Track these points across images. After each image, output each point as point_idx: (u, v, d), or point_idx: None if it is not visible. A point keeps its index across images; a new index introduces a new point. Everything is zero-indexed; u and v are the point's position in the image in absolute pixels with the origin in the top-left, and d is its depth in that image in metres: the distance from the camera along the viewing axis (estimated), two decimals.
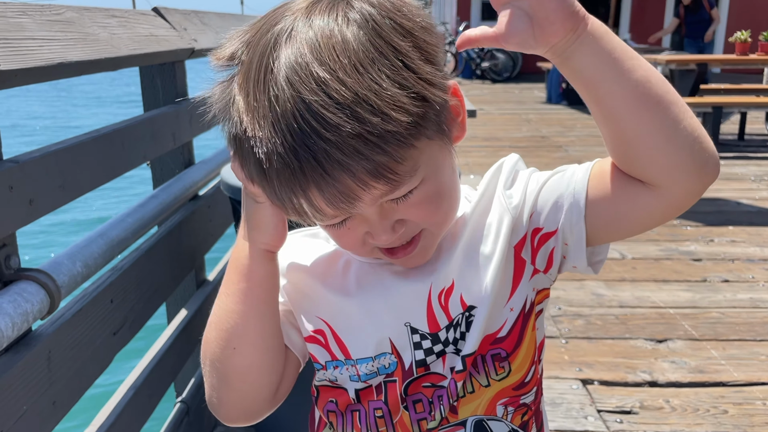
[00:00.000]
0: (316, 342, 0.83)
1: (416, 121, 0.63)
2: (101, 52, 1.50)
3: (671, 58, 6.88)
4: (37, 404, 1.18)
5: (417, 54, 0.65)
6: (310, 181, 0.63)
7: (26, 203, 1.18)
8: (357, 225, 0.71)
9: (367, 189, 0.64)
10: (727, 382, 2.31)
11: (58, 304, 1.23)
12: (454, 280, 0.79)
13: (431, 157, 0.68)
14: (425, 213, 0.70)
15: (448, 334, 0.79)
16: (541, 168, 0.84)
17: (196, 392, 2.05)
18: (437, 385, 0.80)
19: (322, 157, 0.61)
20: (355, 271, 0.82)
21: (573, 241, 0.77)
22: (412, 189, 0.68)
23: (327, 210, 0.66)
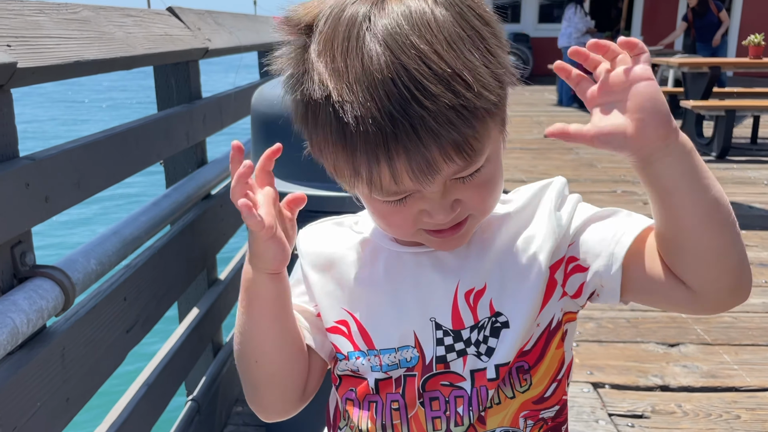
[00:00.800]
0: (339, 333, 0.83)
1: (497, 103, 0.66)
2: (117, 51, 1.51)
3: (684, 61, 6.85)
4: (51, 401, 1.18)
5: (495, 42, 0.68)
6: (400, 146, 0.63)
7: (42, 200, 1.19)
8: (415, 202, 0.70)
9: (449, 162, 0.65)
10: (739, 387, 2.29)
11: (72, 301, 1.24)
12: (486, 284, 0.79)
13: (495, 141, 0.70)
14: (481, 196, 0.72)
15: (471, 334, 0.79)
16: (552, 172, 0.85)
17: (207, 390, 2.06)
18: (455, 386, 0.80)
19: (418, 124, 0.62)
20: (383, 261, 0.82)
21: (606, 289, 0.79)
22: (479, 169, 0.69)
23: (406, 180, 0.66)
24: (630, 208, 3.17)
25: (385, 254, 0.83)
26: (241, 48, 2.57)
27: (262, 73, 3.40)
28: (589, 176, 5.45)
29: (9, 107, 1.14)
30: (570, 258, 0.80)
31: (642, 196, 4.76)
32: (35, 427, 1.13)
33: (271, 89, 1.80)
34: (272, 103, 1.74)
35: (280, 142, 1.84)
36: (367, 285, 0.82)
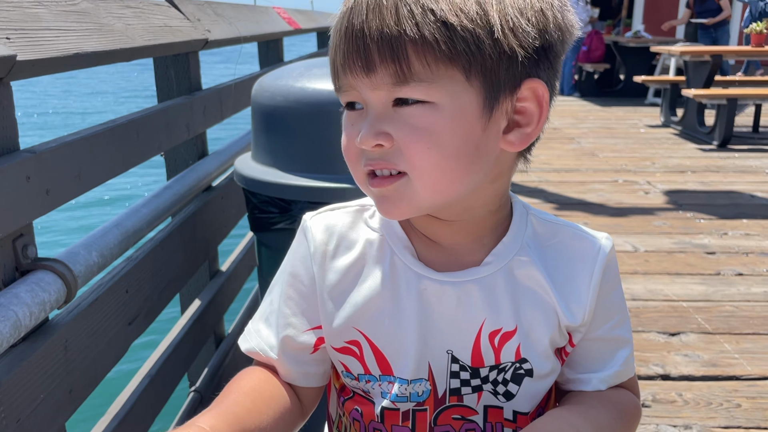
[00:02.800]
0: (350, 353, 0.79)
1: (469, 43, 0.62)
2: (116, 42, 1.50)
3: (685, 50, 6.82)
4: (54, 392, 1.19)
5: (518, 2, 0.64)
6: (354, 25, 0.64)
7: (43, 193, 1.19)
8: (358, 119, 0.68)
9: (383, 60, 0.63)
10: (740, 375, 2.29)
11: (74, 293, 1.24)
12: (517, 327, 0.75)
13: (457, 98, 0.64)
14: (412, 143, 0.65)
15: (491, 373, 0.76)
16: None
17: (210, 382, 2.07)
18: (467, 419, 0.77)
19: (377, 5, 0.62)
20: (404, 280, 0.76)
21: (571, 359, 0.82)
22: (415, 100, 0.64)
23: (347, 68, 0.66)
24: (631, 197, 3.19)
25: (406, 274, 0.76)
26: (240, 39, 2.56)
27: (263, 63, 3.39)
28: (591, 166, 5.45)
29: (9, 100, 1.14)
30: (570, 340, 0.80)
31: (643, 186, 4.76)
32: (39, 419, 1.14)
33: (271, 80, 1.79)
34: (273, 94, 1.74)
35: (281, 134, 1.85)
36: (385, 308, 0.76)
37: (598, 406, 0.77)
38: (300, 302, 0.80)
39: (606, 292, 0.78)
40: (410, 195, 0.68)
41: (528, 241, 0.77)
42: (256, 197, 1.75)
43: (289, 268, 0.82)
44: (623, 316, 0.82)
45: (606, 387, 0.80)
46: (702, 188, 4.76)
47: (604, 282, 0.77)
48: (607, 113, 8.54)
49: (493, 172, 0.71)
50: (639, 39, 9.72)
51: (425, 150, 0.65)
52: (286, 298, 0.81)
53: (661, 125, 7.52)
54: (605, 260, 0.77)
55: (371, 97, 0.66)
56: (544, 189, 4.68)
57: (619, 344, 0.81)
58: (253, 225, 1.83)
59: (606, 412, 0.77)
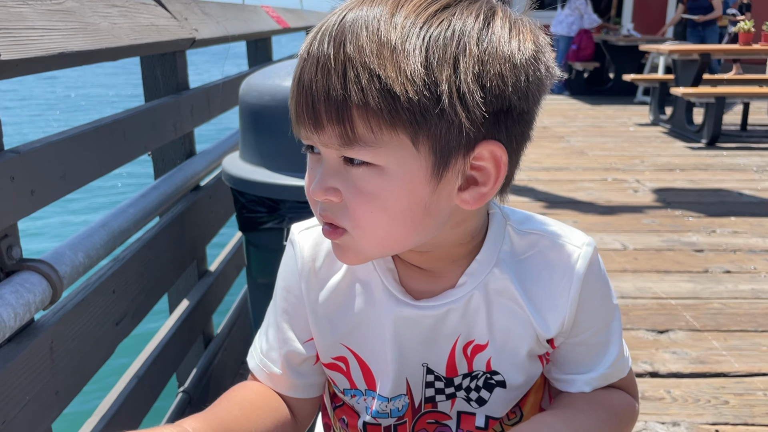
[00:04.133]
0: (336, 369, 0.81)
1: (414, 113, 0.59)
2: (102, 42, 1.49)
3: (674, 48, 6.85)
4: (40, 394, 1.18)
5: (474, 67, 0.60)
6: (306, 78, 0.62)
7: (28, 193, 1.18)
8: (317, 164, 0.67)
9: (329, 120, 0.61)
10: (728, 372, 2.31)
11: (60, 294, 1.23)
12: (489, 342, 0.76)
13: (404, 163, 0.62)
14: (357, 204, 0.64)
15: (464, 381, 0.78)
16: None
17: (198, 382, 2.06)
18: (440, 423, 0.80)
19: (330, 64, 0.60)
20: (385, 304, 0.76)
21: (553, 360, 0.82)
22: (362, 162, 0.62)
23: (296, 122, 0.65)
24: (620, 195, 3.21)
25: (386, 297, 0.76)
26: (228, 38, 2.55)
27: (251, 62, 3.38)
28: (580, 164, 5.46)
29: None
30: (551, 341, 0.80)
31: (632, 184, 4.78)
32: (24, 421, 1.13)
33: (259, 79, 1.79)
34: (261, 93, 1.73)
35: (269, 133, 1.84)
36: (370, 326, 0.77)
37: (587, 411, 0.77)
38: (295, 315, 0.81)
39: (587, 300, 0.76)
40: (356, 248, 0.68)
41: (503, 255, 0.76)
42: (245, 197, 1.75)
43: (282, 282, 0.83)
44: (609, 319, 0.79)
45: (590, 389, 0.79)
46: (690, 186, 4.79)
47: (584, 291, 0.75)
48: (597, 112, 8.57)
49: (451, 222, 0.70)
50: (628, 38, 9.76)
51: (369, 212, 0.64)
52: (282, 312, 0.82)
53: (650, 124, 7.55)
54: (584, 269, 0.75)
55: (323, 150, 0.65)
56: (534, 188, 4.69)
57: (604, 348, 0.79)
58: (242, 224, 1.83)
59: (595, 417, 0.76)
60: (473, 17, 0.61)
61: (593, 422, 0.76)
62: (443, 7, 0.61)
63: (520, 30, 0.64)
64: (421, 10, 0.60)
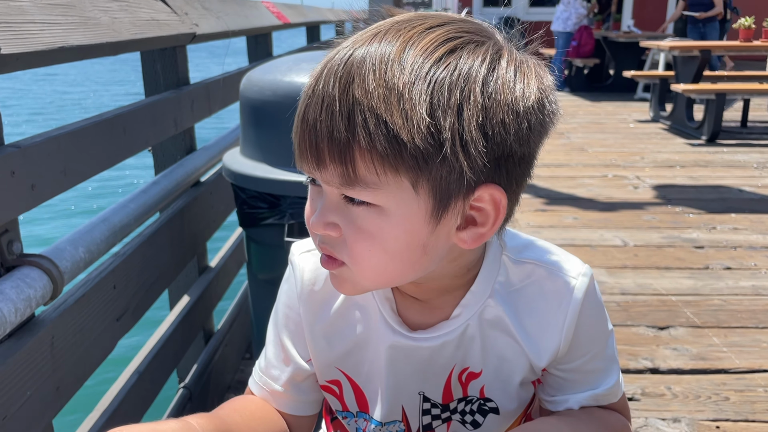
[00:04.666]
0: (330, 392, 0.83)
1: (417, 159, 0.60)
2: (102, 36, 1.49)
3: (674, 45, 6.84)
4: (41, 390, 1.18)
5: (478, 116, 0.60)
6: (310, 117, 0.62)
7: (28, 188, 1.18)
8: (317, 196, 0.68)
9: (332, 159, 0.61)
10: (728, 369, 2.31)
11: (61, 289, 1.23)
12: (483, 371, 0.78)
13: (404, 205, 0.63)
14: (356, 242, 0.65)
15: (458, 405, 0.80)
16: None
17: (199, 378, 2.06)
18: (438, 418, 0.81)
19: (336, 106, 0.60)
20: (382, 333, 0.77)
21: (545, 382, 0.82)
22: (363, 202, 0.63)
23: (299, 157, 0.65)
24: (620, 192, 3.21)
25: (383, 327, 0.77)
26: (229, 33, 2.54)
27: (251, 57, 3.37)
28: (580, 160, 5.46)
29: None
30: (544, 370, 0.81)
31: (632, 181, 4.78)
32: (25, 416, 1.12)
33: (260, 74, 1.78)
34: (261, 89, 1.73)
35: (270, 128, 1.84)
36: (366, 352, 0.79)
37: (586, 421, 0.77)
38: (297, 333, 0.83)
39: (583, 330, 0.76)
40: (353, 281, 0.69)
41: (498, 287, 0.76)
42: (245, 192, 1.74)
43: (285, 299, 0.84)
44: (602, 346, 0.80)
45: (578, 407, 0.79)
46: (691, 183, 4.78)
47: (579, 321, 0.75)
48: (597, 108, 8.56)
49: (449, 257, 0.71)
50: (629, 34, 9.74)
51: (367, 250, 0.65)
52: (284, 328, 0.84)
53: (650, 120, 7.54)
54: (580, 301, 0.75)
55: (324, 186, 0.66)
56: (534, 184, 4.69)
57: (596, 374, 0.80)
58: (242, 220, 1.82)
59: (593, 427, 0.77)
60: (479, 61, 0.62)
61: (592, 430, 0.77)
62: (450, 51, 0.61)
63: (525, 74, 0.65)
64: (429, 53, 0.60)
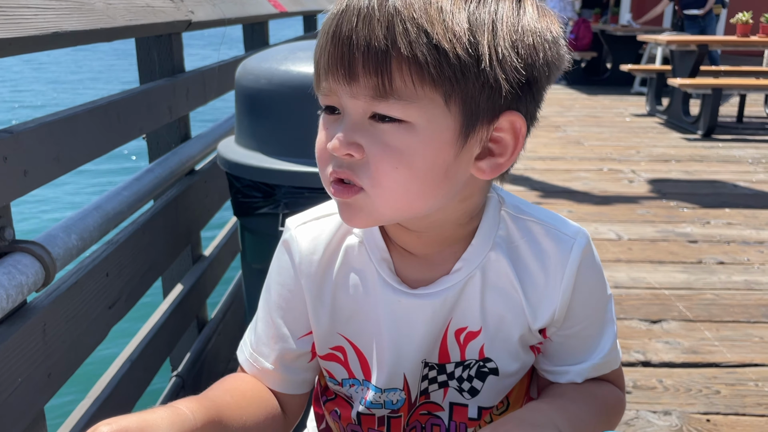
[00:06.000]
0: (334, 359, 0.81)
1: (455, 70, 0.61)
2: (97, 22, 1.48)
3: (672, 39, 6.84)
4: (33, 376, 1.17)
5: (511, 35, 0.63)
6: (343, 37, 0.63)
7: (21, 174, 1.17)
8: (334, 124, 0.67)
9: (366, 71, 0.61)
10: (720, 363, 2.32)
11: (53, 276, 1.23)
12: (482, 328, 0.77)
13: (434, 121, 0.63)
14: (381, 160, 0.64)
15: (456, 370, 0.79)
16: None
17: (192, 366, 2.06)
18: (433, 414, 0.81)
19: (370, 15, 0.61)
20: (381, 294, 0.77)
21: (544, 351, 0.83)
22: (392, 118, 0.63)
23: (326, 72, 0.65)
24: (616, 186, 3.22)
25: (382, 287, 0.77)
26: (225, 21, 2.53)
27: (247, 46, 3.35)
28: (576, 154, 5.46)
29: None
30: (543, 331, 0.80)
31: (627, 175, 4.78)
32: (17, 403, 1.12)
33: (255, 63, 1.77)
34: (257, 77, 1.72)
35: (265, 117, 1.83)
36: (367, 316, 0.78)
37: (579, 401, 0.77)
38: (290, 310, 0.82)
39: (580, 292, 0.76)
40: (369, 209, 0.67)
41: (499, 240, 0.76)
42: (240, 181, 1.74)
43: (277, 277, 0.83)
44: (602, 311, 0.80)
45: (582, 380, 0.80)
46: (686, 177, 4.79)
47: (578, 282, 0.76)
48: (594, 102, 8.56)
49: (462, 194, 0.71)
50: (626, 28, 9.73)
51: (393, 169, 0.64)
52: (276, 307, 0.82)
53: (646, 114, 7.55)
54: (578, 261, 0.75)
55: (349, 105, 0.65)
56: (530, 177, 4.69)
57: (597, 339, 0.80)
58: (237, 209, 1.82)
59: (585, 407, 0.77)
60: (508, 1, 0.65)
61: (584, 412, 0.76)
62: None
63: (548, 15, 0.68)
64: None
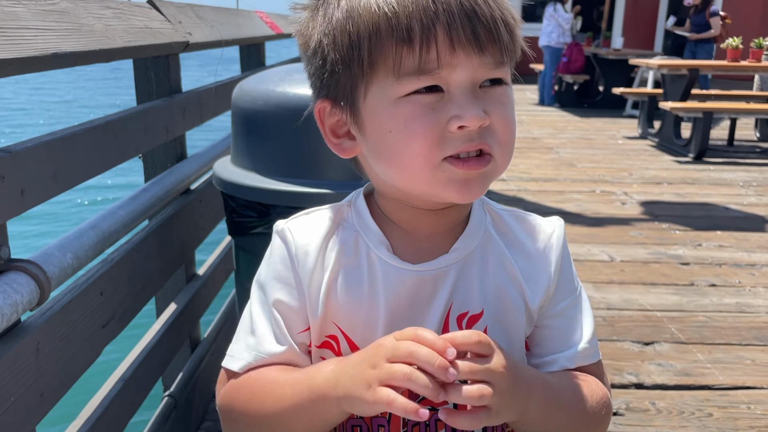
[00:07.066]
0: (328, 347, 0.81)
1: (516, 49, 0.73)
2: (96, 43, 1.49)
3: (663, 63, 6.92)
4: (25, 396, 1.17)
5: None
6: (466, 10, 0.67)
7: (18, 193, 1.17)
8: (444, 105, 0.69)
9: (496, 38, 0.68)
10: (712, 385, 2.33)
11: (48, 295, 1.23)
12: (483, 310, 0.78)
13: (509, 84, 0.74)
14: (505, 117, 0.72)
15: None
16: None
17: (184, 386, 2.05)
18: (436, 410, 0.78)
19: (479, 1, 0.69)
20: (381, 274, 0.78)
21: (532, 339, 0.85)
22: (504, 81, 0.72)
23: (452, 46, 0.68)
24: (608, 207, 3.25)
25: (383, 268, 0.78)
26: (222, 42, 2.55)
27: (244, 67, 3.38)
28: (569, 175, 5.50)
29: None
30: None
31: (620, 197, 4.82)
32: (9, 422, 1.12)
33: (252, 84, 1.79)
34: (254, 99, 1.74)
35: (261, 138, 1.84)
36: (362, 301, 0.78)
37: (572, 383, 0.80)
38: (290, 303, 0.81)
39: (563, 269, 0.83)
40: (493, 174, 0.74)
41: (489, 226, 0.82)
42: (235, 201, 1.75)
43: (273, 273, 0.82)
44: (579, 292, 0.85)
45: (574, 365, 0.82)
46: (677, 200, 4.83)
47: (563, 260, 0.82)
48: (586, 124, 8.63)
49: None
50: (618, 51, 9.84)
51: (510, 126, 0.73)
52: (275, 302, 0.81)
53: (638, 137, 7.62)
54: (562, 240, 0.83)
55: (464, 77, 0.69)
56: (523, 198, 4.72)
57: (578, 320, 0.83)
58: (232, 229, 1.83)
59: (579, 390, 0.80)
60: None
61: (578, 393, 0.80)
62: None
63: None
64: None
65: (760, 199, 4.89)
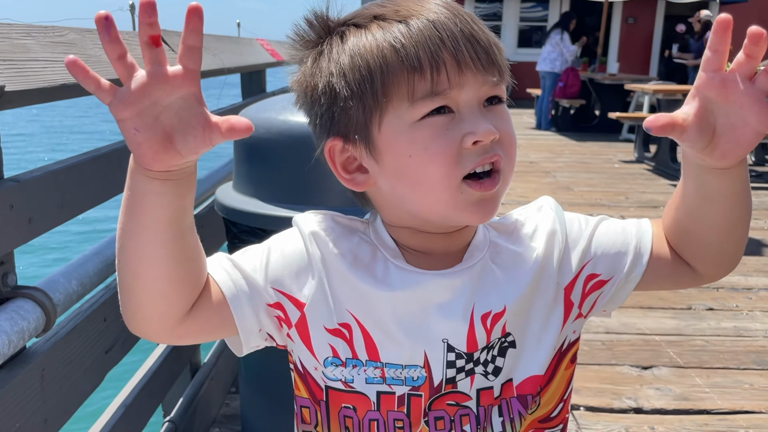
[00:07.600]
0: (339, 336, 0.80)
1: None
2: (102, 74, 1.52)
3: (658, 88, 7.00)
4: (29, 422, 1.18)
5: None
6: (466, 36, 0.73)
7: (26, 222, 1.20)
8: (457, 125, 0.73)
9: (488, 60, 0.74)
10: (711, 409, 2.33)
11: (53, 322, 1.24)
12: (506, 306, 0.80)
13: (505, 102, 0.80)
14: (508, 134, 0.76)
15: (481, 354, 0.80)
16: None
17: (185, 412, 2.05)
18: (461, 405, 0.80)
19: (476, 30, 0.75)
20: (397, 272, 0.80)
21: (620, 293, 0.86)
22: (502, 99, 0.77)
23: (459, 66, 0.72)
24: None
25: (401, 273, 0.80)
26: (224, 70, 2.59)
27: (245, 94, 3.43)
28: (566, 199, 5.53)
29: None
30: (589, 276, 0.84)
31: None
32: None
33: (254, 112, 1.82)
34: (256, 126, 1.76)
35: (263, 165, 1.87)
36: (381, 292, 0.79)
37: None
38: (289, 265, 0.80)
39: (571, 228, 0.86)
40: (501, 195, 0.77)
41: (491, 234, 0.85)
42: (237, 227, 1.77)
43: (281, 244, 0.82)
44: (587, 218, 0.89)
45: (650, 245, 0.85)
46: None
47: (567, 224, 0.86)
48: (583, 148, 8.70)
49: None
50: (614, 76, 9.94)
51: (514, 140, 0.78)
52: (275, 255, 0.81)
53: (634, 161, 7.67)
54: (553, 212, 0.87)
55: (471, 96, 0.74)
56: None
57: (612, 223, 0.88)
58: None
59: None
60: None
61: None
62: None
63: None
64: None
65: (756, 222, 4.92)
